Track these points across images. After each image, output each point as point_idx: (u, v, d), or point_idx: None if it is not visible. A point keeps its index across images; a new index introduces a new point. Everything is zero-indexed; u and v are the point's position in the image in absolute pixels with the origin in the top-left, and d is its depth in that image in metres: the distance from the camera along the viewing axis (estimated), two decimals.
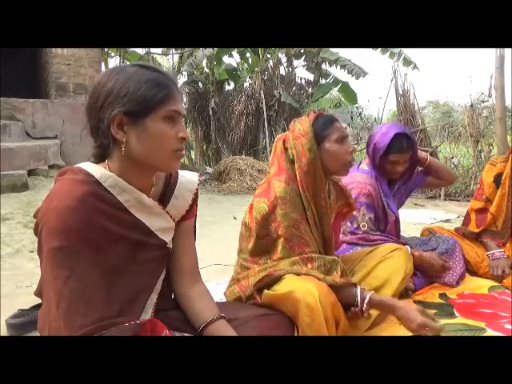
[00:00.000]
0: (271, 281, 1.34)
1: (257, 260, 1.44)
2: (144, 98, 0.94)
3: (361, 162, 2.13)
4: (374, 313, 1.53)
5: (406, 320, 1.27)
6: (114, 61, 9.80)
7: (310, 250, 1.41)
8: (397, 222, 2.10)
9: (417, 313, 1.26)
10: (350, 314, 1.35)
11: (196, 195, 1.18)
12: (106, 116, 0.94)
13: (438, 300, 1.92)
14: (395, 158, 1.97)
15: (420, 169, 2.22)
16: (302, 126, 1.50)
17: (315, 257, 1.38)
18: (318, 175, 1.47)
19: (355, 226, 1.97)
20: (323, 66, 9.30)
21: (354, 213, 1.91)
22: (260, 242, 1.42)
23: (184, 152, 1.03)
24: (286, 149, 1.51)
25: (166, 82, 0.98)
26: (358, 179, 2.00)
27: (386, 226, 2.06)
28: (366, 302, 1.31)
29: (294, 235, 1.39)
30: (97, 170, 0.98)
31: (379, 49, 7.92)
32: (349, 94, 9.11)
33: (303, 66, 9.58)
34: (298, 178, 1.46)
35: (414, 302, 1.87)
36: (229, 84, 10.11)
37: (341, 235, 1.94)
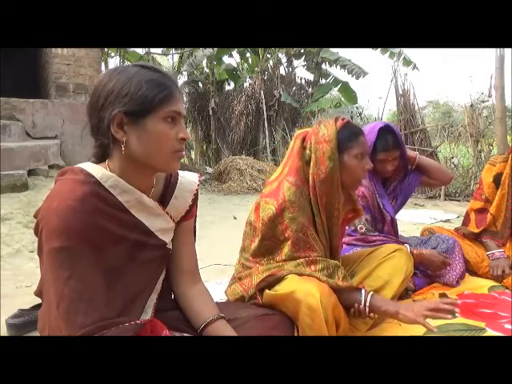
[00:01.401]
0: (274, 281, 1.34)
1: (259, 260, 1.44)
2: (145, 98, 0.94)
3: None
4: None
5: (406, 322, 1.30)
6: (114, 61, 9.82)
7: (316, 254, 1.41)
8: (393, 221, 2.08)
9: (416, 313, 1.27)
10: (353, 311, 1.35)
11: (196, 196, 1.18)
12: (106, 115, 0.94)
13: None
14: (383, 156, 1.95)
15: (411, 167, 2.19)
16: (327, 131, 1.44)
17: (319, 259, 1.38)
18: (335, 185, 1.43)
19: (352, 228, 1.96)
20: (323, 66, 9.31)
21: None
22: (264, 242, 1.42)
23: (184, 152, 1.03)
24: (303, 147, 1.47)
25: (166, 82, 0.98)
26: None
27: (383, 226, 2.05)
28: (367, 306, 1.32)
29: (301, 239, 1.39)
30: (97, 171, 0.98)
31: (379, 49, 7.92)
32: (349, 94, 9.11)
33: (303, 66, 9.59)
34: (310, 184, 1.43)
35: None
36: (229, 84, 10.12)
37: None
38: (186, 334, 1.12)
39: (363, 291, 1.35)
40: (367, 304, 1.32)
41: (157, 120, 0.96)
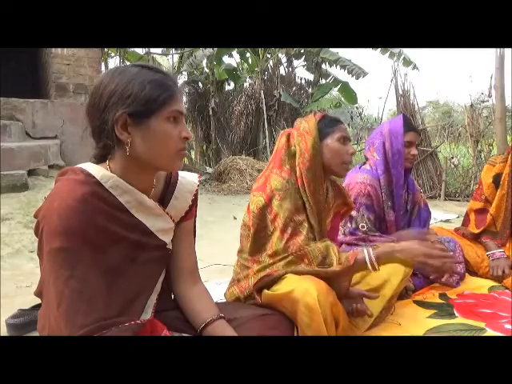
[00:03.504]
0: (271, 281, 1.34)
1: (257, 258, 1.44)
2: (148, 99, 0.94)
3: (365, 163, 2.12)
4: (374, 312, 1.53)
5: (410, 258, 1.31)
6: (114, 61, 9.83)
7: (301, 239, 1.38)
8: (397, 223, 2.07)
9: (416, 246, 1.31)
10: (352, 311, 1.35)
11: (196, 196, 1.18)
12: (109, 117, 0.93)
13: (438, 300, 1.92)
14: (411, 137, 2.01)
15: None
16: (307, 123, 1.54)
17: (308, 250, 1.34)
18: (317, 171, 1.49)
19: (354, 226, 1.96)
20: (323, 66, 9.30)
21: (354, 213, 1.91)
22: (258, 235, 1.43)
23: (185, 152, 1.04)
24: (289, 145, 1.54)
25: (168, 82, 0.98)
26: (359, 180, 1.99)
27: (387, 227, 2.05)
28: (374, 260, 1.33)
29: (289, 226, 1.40)
30: (98, 171, 0.98)
31: (379, 49, 7.92)
32: (349, 94, 9.10)
33: (303, 66, 9.58)
34: (297, 174, 1.48)
35: (414, 302, 1.88)
36: (229, 84, 10.10)
37: (341, 236, 1.94)
38: (185, 334, 1.12)
39: (365, 251, 1.34)
40: (373, 260, 1.32)
41: (160, 120, 0.96)
